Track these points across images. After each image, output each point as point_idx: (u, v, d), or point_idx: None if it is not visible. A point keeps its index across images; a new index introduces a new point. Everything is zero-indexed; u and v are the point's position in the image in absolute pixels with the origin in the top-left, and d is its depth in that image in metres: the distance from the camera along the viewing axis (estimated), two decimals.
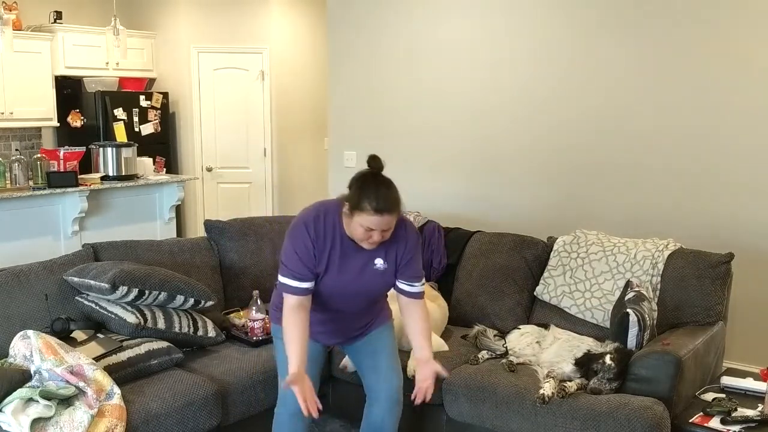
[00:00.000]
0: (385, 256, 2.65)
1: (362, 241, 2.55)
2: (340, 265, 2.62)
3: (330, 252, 2.60)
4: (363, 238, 2.52)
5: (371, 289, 2.73)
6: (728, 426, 2.71)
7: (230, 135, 7.48)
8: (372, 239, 2.52)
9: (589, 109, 4.31)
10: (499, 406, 2.99)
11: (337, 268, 2.62)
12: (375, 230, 2.48)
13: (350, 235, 2.58)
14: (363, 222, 2.46)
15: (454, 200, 4.84)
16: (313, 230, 2.58)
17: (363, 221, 2.46)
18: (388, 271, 2.69)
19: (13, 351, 2.86)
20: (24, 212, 5.36)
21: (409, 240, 2.69)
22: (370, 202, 2.43)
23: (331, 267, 2.62)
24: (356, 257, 2.63)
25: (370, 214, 2.44)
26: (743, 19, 3.76)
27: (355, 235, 2.54)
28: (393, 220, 2.50)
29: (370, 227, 2.47)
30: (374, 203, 2.43)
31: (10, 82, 6.56)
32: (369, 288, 2.71)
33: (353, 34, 5.29)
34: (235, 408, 3.12)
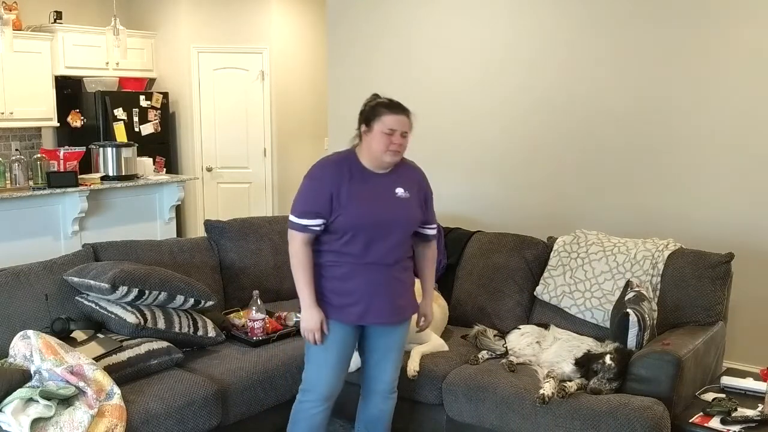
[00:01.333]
0: (403, 185, 2.77)
1: (383, 151, 2.65)
2: (363, 191, 2.69)
3: (350, 182, 2.69)
4: (385, 146, 2.64)
5: (401, 221, 2.75)
6: (728, 426, 2.71)
7: (230, 135, 7.47)
8: (393, 143, 2.64)
9: (590, 110, 4.31)
10: (499, 406, 2.99)
11: (361, 195, 2.69)
12: (396, 131, 2.64)
13: (370, 155, 2.70)
14: (383, 126, 2.63)
15: (454, 200, 4.84)
16: (332, 165, 2.74)
17: (383, 126, 2.63)
18: (413, 203, 2.79)
19: (13, 351, 2.86)
20: (24, 212, 5.36)
21: (422, 175, 2.89)
22: (386, 105, 2.68)
23: (354, 195, 2.68)
24: (377, 184, 2.72)
25: (389, 114, 2.65)
26: (743, 18, 3.76)
27: (377, 148, 2.66)
28: (408, 122, 2.69)
29: (392, 128, 2.63)
30: (389, 105, 2.68)
31: (10, 82, 6.55)
32: (398, 219, 2.74)
33: (353, 34, 5.29)
34: (235, 408, 3.12)
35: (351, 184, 2.69)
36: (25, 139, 7.16)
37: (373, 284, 2.75)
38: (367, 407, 2.97)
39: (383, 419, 2.96)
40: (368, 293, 2.74)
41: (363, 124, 2.70)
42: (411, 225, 2.82)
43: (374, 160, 2.71)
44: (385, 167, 2.75)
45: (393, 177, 2.77)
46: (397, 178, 2.77)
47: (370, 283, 2.74)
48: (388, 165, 2.74)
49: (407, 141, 2.72)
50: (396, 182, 2.77)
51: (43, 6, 7.05)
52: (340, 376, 2.83)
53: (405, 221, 2.78)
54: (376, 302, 2.76)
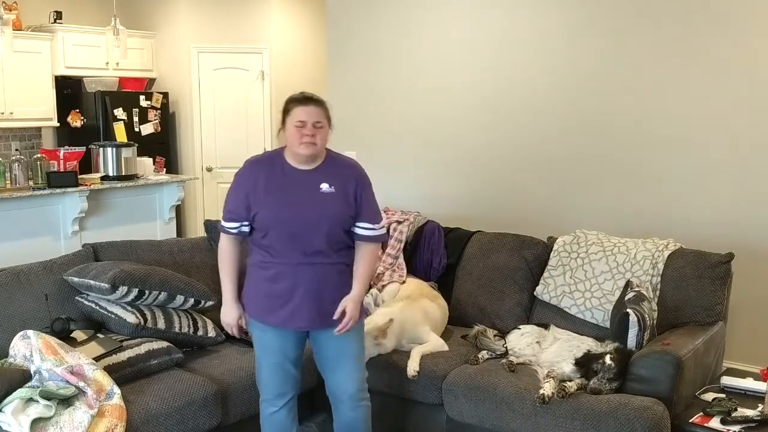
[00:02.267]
0: (330, 181, 2.73)
1: (298, 144, 2.65)
2: (282, 188, 2.71)
3: (268, 179, 2.71)
4: (298, 138, 2.65)
5: (326, 217, 2.68)
6: (728, 426, 2.71)
7: (230, 135, 7.47)
8: (305, 134, 2.64)
9: (590, 110, 4.31)
10: (499, 406, 2.99)
11: (280, 191, 2.70)
12: (306, 122, 2.64)
13: (289, 150, 2.72)
14: (294, 119, 2.65)
15: (454, 200, 4.84)
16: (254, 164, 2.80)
17: (293, 118, 2.66)
18: (338, 198, 2.72)
19: (13, 351, 2.86)
20: (24, 212, 5.36)
21: (354, 170, 2.82)
22: (295, 99, 2.71)
23: (271, 191, 2.70)
24: (300, 180, 2.72)
25: (297, 106, 2.67)
26: (741, 19, 3.76)
27: (291, 142, 2.68)
28: (321, 113, 2.68)
29: (301, 119, 2.64)
30: (298, 99, 2.70)
31: (10, 82, 6.55)
32: (323, 214, 2.68)
33: (353, 34, 5.29)
34: (235, 408, 3.12)
35: (269, 181, 2.70)
36: (25, 139, 7.16)
37: (298, 286, 2.70)
38: (337, 416, 2.90)
39: (358, 427, 2.88)
40: (293, 296, 2.70)
41: (282, 122, 2.73)
42: (335, 221, 2.71)
43: (294, 155, 2.71)
44: (308, 162, 2.72)
45: (319, 173, 2.74)
46: (324, 173, 2.74)
47: (295, 285, 2.70)
48: (306, 159, 2.71)
49: (324, 132, 2.69)
50: (321, 178, 2.73)
51: (43, 6, 7.05)
52: (286, 376, 2.81)
53: (328, 217, 2.69)
54: (301, 306, 2.71)
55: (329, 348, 2.82)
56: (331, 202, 2.71)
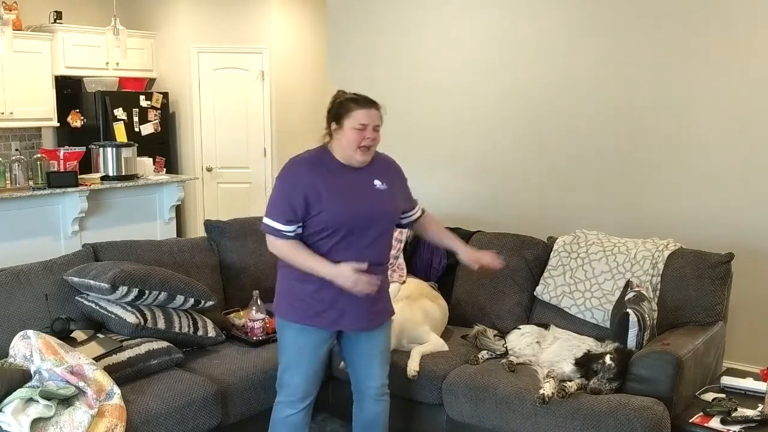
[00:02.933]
0: (380, 177, 2.75)
1: (356, 147, 2.63)
2: (342, 187, 2.66)
3: (326, 178, 2.65)
4: (358, 140, 2.62)
5: (380, 213, 2.71)
6: (728, 426, 2.71)
7: (230, 135, 7.47)
8: (366, 138, 2.62)
9: (590, 110, 4.31)
10: (499, 406, 2.99)
11: (341, 190, 2.65)
12: (368, 125, 2.62)
13: (343, 151, 2.67)
14: (355, 122, 2.61)
15: (454, 200, 4.84)
16: (305, 165, 2.69)
17: (354, 121, 2.61)
18: (392, 194, 2.77)
19: (13, 351, 2.86)
20: (24, 212, 5.35)
21: (396, 166, 2.89)
22: (356, 101, 2.65)
23: (333, 191, 2.64)
24: (354, 177, 2.70)
25: (359, 109, 2.62)
26: (742, 19, 3.76)
27: (349, 144, 2.63)
28: (379, 115, 2.67)
29: (363, 123, 2.61)
30: (360, 101, 2.65)
31: (10, 82, 6.55)
32: (381, 210, 2.72)
33: (353, 34, 5.29)
34: (235, 408, 3.12)
35: (328, 181, 2.64)
36: (25, 139, 7.16)
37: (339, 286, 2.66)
38: (360, 411, 2.93)
39: (378, 422, 2.92)
40: (343, 298, 2.67)
41: (333, 121, 2.67)
42: (393, 217, 2.81)
43: (347, 157, 2.68)
44: (360, 163, 2.71)
45: (369, 170, 2.73)
46: (373, 170, 2.74)
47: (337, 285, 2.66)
48: (362, 161, 2.69)
49: (379, 135, 2.69)
50: (372, 175, 2.74)
51: (43, 6, 7.04)
52: (315, 378, 2.81)
53: (387, 213, 2.75)
54: (350, 308, 2.70)
55: (362, 346, 2.83)
56: (386, 198, 2.75)
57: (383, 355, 2.89)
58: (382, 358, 2.89)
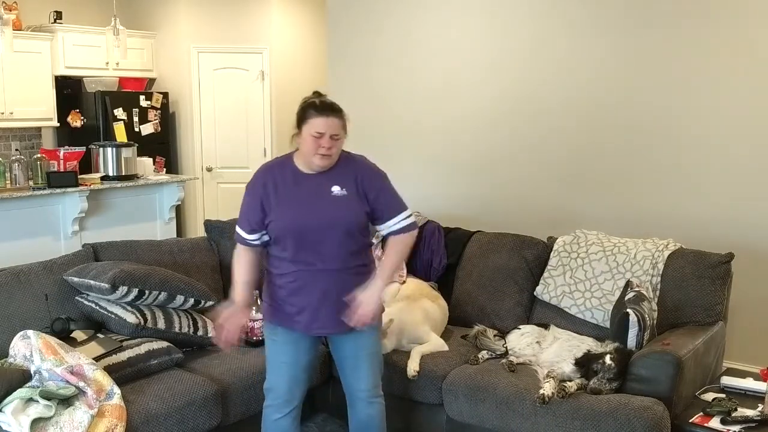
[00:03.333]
0: (341, 182, 2.66)
1: (312, 154, 2.60)
2: (293, 195, 2.65)
3: (279, 186, 2.66)
4: (314, 148, 2.58)
5: (339, 220, 2.63)
6: (728, 426, 2.71)
7: (230, 135, 7.47)
8: (322, 146, 2.57)
9: (590, 110, 4.31)
10: (499, 406, 2.99)
11: (293, 196, 2.65)
12: (324, 134, 2.56)
13: (303, 158, 2.66)
14: (311, 129, 2.57)
15: (454, 200, 4.84)
16: (266, 171, 2.72)
17: (311, 128, 2.57)
18: (352, 199, 2.66)
19: (13, 351, 2.86)
20: (24, 212, 5.35)
21: (365, 167, 2.74)
22: (315, 108, 2.59)
23: (282, 199, 2.65)
24: (310, 185, 2.67)
25: (316, 116, 2.57)
26: (742, 18, 3.76)
27: (306, 151, 2.61)
28: (339, 124, 2.59)
29: (318, 131, 2.56)
30: (318, 107, 2.59)
31: (10, 82, 6.55)
32: (335, 218, 2.63)
33: (353, 34, 5.29)
34: (235, 408, 3.12)
35: (280, 188, 2.65)
36: (25, 139, 7.16)
37: (317, 293, 2.66)
38: (354, 414, 2.91)
39: (373, 425, 2.89)
40: (312, 302, 2.67)
41: (296, 126, 2.65)
42: (349, 223, 2.66)
43: (307, 162, 2.66)
44: (320, 168, 2.67)
45: (328, 175, 2.67)
46: (334, 175, 2.67)
47: (314, 291, 2.66)
48: (321, 166, 2.65)
49: (340, 143, 2.63)
50: (331, 180, 2.66)
51: (43, 6, 7.05)
52: (296, 382, 2.79)
53: (342, 221, 2.64)
54: (321, 312, 2.69)
55: (347, 348, 2.82)
56: (342, 205, 2.65)
57: (372, 358, 2.84)
58: (371, 361, 2.84)
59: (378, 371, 2.90)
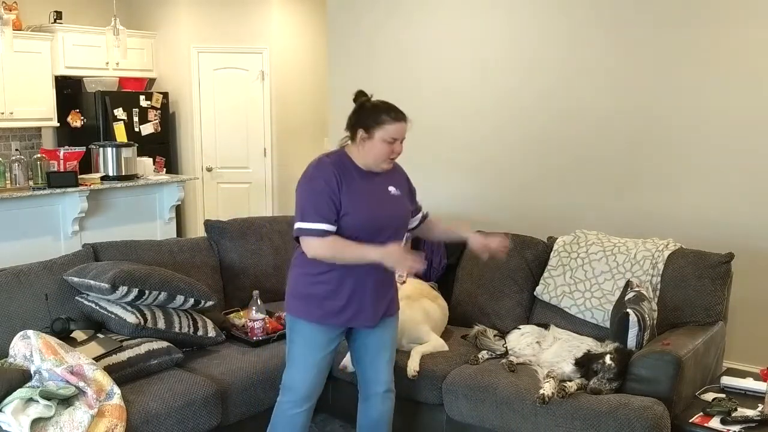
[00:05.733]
0: (393, 183, 2.79)
1: (384, 159, 2.66)
2: (363, 191, 2.67)
3: (349, 182, 2.65)
4: (386, 154, 2.65)
5: (395, 218, 2.77)
6: (728, 426, 2.71)
7: (230, 135, 7.47)
8: (394, 152, 2.66)
9: (590, 110, 4.31)
10: (499, 406, 2.99)
11: (362, 195, 2.66)
12: (397, 140, 2.63)
13: (368, 160, 2.67)
14: (386, 134, 2.61)
15: (455, 200, 4.84)
16: (331, 165, 2.65)
17: (386, 134, 2.61)
18: (404, 198, 2.83)
19: (13, 351, 2.86)
20: (24, 212, 5.36)
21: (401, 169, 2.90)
22: (389, 113, 2.62)
23: (356, 195, 2.65)
24: (373, 184, 2.72)
25: (392, 123, 2.61)
26: (743, 19, 3.76)
27: (376, 156, 2.65)
28: (406, 128, 2.67)
29: (394, 137, 2.62)
30: (393, 113, 2.62)
31: (10, 82, 6.55)
32: (395, 215, 2.77)
33: (353, 34, 5.29)
34: (235, 408, 3.12)
35: (350, 185, 2.66)
36: (25, 139, 7.16)
37: (362, 287, 2.71)
38: (367, 410, 2.94)
39: (383, 421, 2.93)
40: (358, 297, 2.72)
41: (362, 128, 2.64)
42: (405, 222, 2.86)
43: (369, 164, 2.69)
44: (383, 170, 2.74)
45: (384, 176, 2.76)
46: (387, 176, 2.78)
47: (359, 285, 2.71)
48: (387, 169, 2.75)
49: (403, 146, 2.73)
50: (387, 181, 2.78)
51: (43, 6, 7.05)
52: (322, 377, 2.82)
53: (399, 218, 2.81)
54: (364, 305, 2.74)
55: (371, 341, 2.85)
56: (400, 204, 2.81)
57: (391, 350, 2.91)
58: (390, 353, 2.91)
59: (393, 366, 2.95)
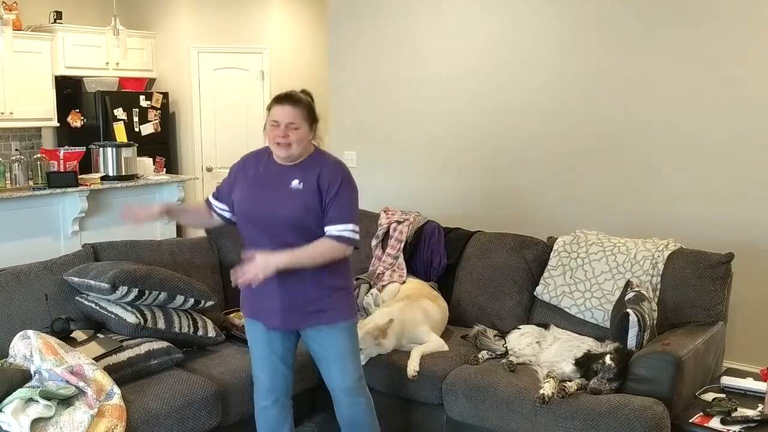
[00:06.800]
0: (303, 177, 2.69)
1: (272, 142, 2.69)
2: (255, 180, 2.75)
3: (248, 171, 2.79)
4: (272, 136, 2.67)
5: (286, 213, 2.64)
6: (728, 426, 2.71)
7: (230, 135, 7.47)
8: (277, 134, 2.64)
9: (590, 110, 4.31)
10: (499, 406, 2.99)
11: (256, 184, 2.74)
12: (280, 123, 2.64)
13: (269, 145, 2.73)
14: (271, 117, 2.67)
15: (454, 200, 4.84)
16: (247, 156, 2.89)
17: (271, 116, 2.67)
18: (308, 195, 2.64)
19: (13, 351, 2.86)
20: (24, 212, 5.36)
21: (332, 166, 2.72)
22: (276, 98, 2.72)
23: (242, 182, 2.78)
24: (275, 175, 2.73)
25: (275, 105, 2.68)
26: (740, 20, 3.76)
27: (269, 140, 2.70)
28: (296, 114, 2.65)
29: (275, 120, 2.65)
30: (278, 97, 2.71)
31: (10, 82, 6.55)
32: (283, 210, 2.64)
33: (353, 34, 5.29)
34: (235, 408, 3.13)
35: (247, 173, 2.77)
36: (25, 139, 7.16)
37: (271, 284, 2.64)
38: (338, 410, 2.91)
39: (358, 420, 2.89)
40: (268, 293, 2.69)
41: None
42: (299, 218, 2.64)
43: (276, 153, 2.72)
44: (288, 159, 2.70)
45: (296, 169, 2.70)
46: (300, 170, 2.69)
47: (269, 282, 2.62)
48: (285, 158, 2.69)
49: (300, 133, 2.64)
50: (296, 175, 2.69)
51: (43, 6, 7.05)
52: (276, 374, 2.83)
53: (291, 214, 2.64)
54: (274, 304, 2.72)
55: (314, 346, 2.84)
56: (297, 199, 2.65)
57: (341, 357, 2.79)
58: (341, 360, 2.79)
59: (354, 372, 2.83)
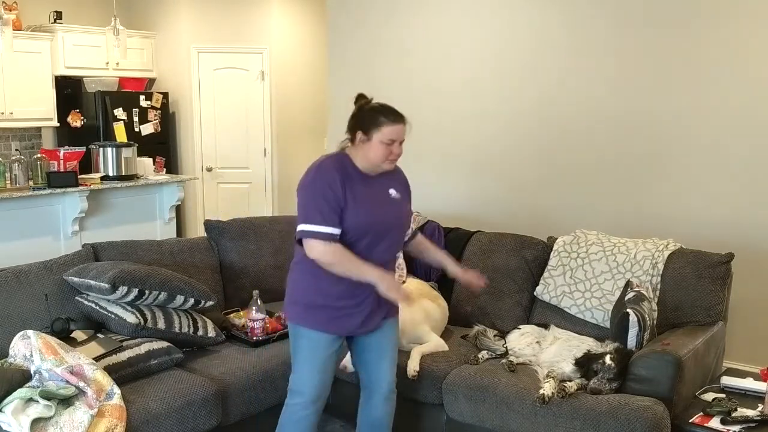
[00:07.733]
0: (396, 187, 2.79)
1: (383, 160, 2.65)
2: (363, 194, 2.66)
3: (351, 184, 2.65)
4: (384, 155, 2.64)
5: (396, 222, 2.77)
6: (728, 426, 2.71)
7: (230, 135, 7.48)
8: (393, 153, 2.65)
9: (590, 110, 4.31)
10: (499, 406, 2.99)
11: (363, 197, 2.65)
12: (395, 141, 2.63)
13: (367, 162, 2.67)
14: (384, 136, 2.61)
15: (454, 200, 4.84)
16: (333, 168, 2.65)
17: (384, 136, 2.60)
18: (404, 201, 2.83)
19: (13, 351, 2.86)
20: (24, 212, 5.36)
21: (402, 173, 2.89)
22: (387, 115, 2.63)
23: (357, 198, 2.64)
24: (374, 187, 2.72)
25: (390, 125, 2.61)
26: (741, 20, 3.76)
27: (375, 157, 2.64)
28: (405, 130, 2.66)
29: (392, 138, 2.62)
30: (391, 116, 2.63)
31: (10, 82, 6.55)
32: (394, 219, 2.76)
33: (353, 34, 5.29)
34: (235, 408, 3.12)
35: (352, 187, 2.64)
36: (25, 139, 7.16)
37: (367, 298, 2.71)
38: (369, 411, 2.92)
39: (384, 422, 2.92)
40: (361, 308, 2.72)
41: (360, 131, 2.64)
42: (406, 225, 2.86)
43: (370, 166, 2.69)
44: (380, 172, 2.73)
45: (385, 179, 2.76)
46: (389, 179, 2.78)
47: (365, 296, 2.70)
48: (388, 170, 2.74)
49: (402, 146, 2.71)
50: (388, 184, 2.78)
51: (43, 6, 7.05)
52: (329, 378, 2.82)
53: (400, 222, 2.81)
54: (366, 314, 2.75)
55: (372, 343, 2.85)
56: (401, 207, 2.81)
57: (393, 350, 2.91)
58: (393, 353, 2.91)
59: (395, 366, 2.94)
